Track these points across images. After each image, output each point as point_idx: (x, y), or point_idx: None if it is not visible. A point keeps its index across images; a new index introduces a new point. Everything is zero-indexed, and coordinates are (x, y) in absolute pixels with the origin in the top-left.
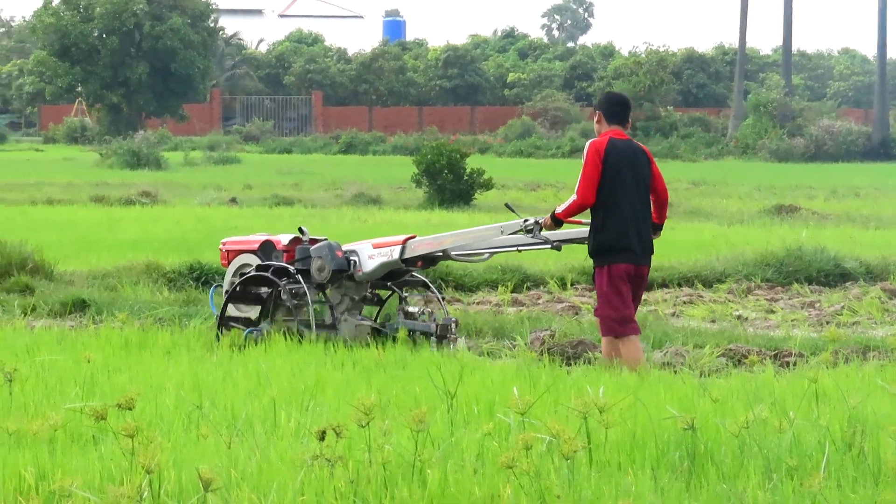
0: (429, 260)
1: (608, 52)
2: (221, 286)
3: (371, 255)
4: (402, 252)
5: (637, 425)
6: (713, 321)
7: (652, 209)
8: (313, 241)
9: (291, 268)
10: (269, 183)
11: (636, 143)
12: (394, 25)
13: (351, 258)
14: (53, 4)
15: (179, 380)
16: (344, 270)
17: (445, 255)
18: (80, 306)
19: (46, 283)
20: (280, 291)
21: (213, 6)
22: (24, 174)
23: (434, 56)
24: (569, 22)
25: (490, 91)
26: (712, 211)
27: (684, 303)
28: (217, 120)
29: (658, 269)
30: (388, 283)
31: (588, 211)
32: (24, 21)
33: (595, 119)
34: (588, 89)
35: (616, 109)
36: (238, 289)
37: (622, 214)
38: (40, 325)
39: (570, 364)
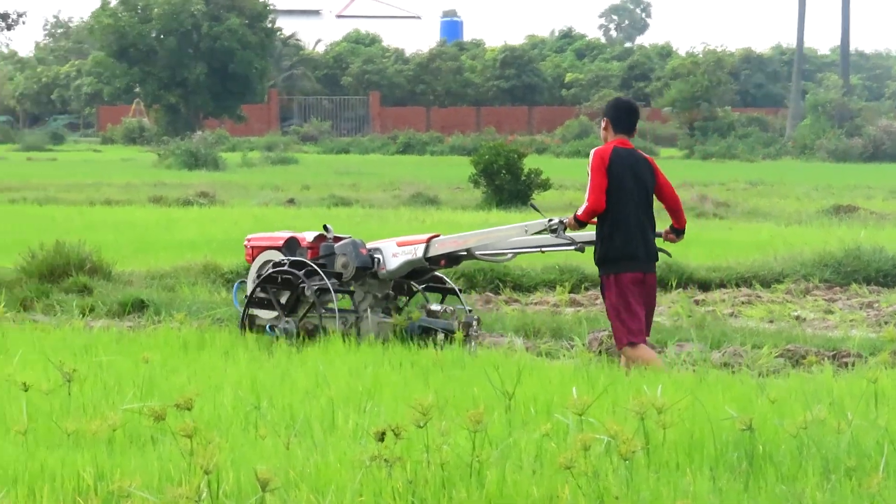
0: (453, 259)
1: (665, 53)
2: (245, 282)
3: (395, 254)
4: (427, 250)
5: (695, 426)
6: (771, 321)
7: (670, 217)
8: (337, 239)
9: (314, 266)
10: (327, 183)
11: (640, 152)
12: (451, 26)
13: (375, 256)
14: (111, 5)
15: (237, 380)
16: (368, 268)
17: (469, 254)
18: (139, 307)
19: (105, 284)
20: (304, 288)
21: (271, 7)
22: (83, 175)
23: (491, 56)
24: (626, 22)
25: (547, 91)
26: (770, 211)
27: (742, 303)
28: (275, 120)
29: (716, 269)
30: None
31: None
32: (82, 22)
33: (602, 126)
34: (646, 89)
35: (623, 117)
36: (262, 283)
37: (627, 223)
38: (99, 326)
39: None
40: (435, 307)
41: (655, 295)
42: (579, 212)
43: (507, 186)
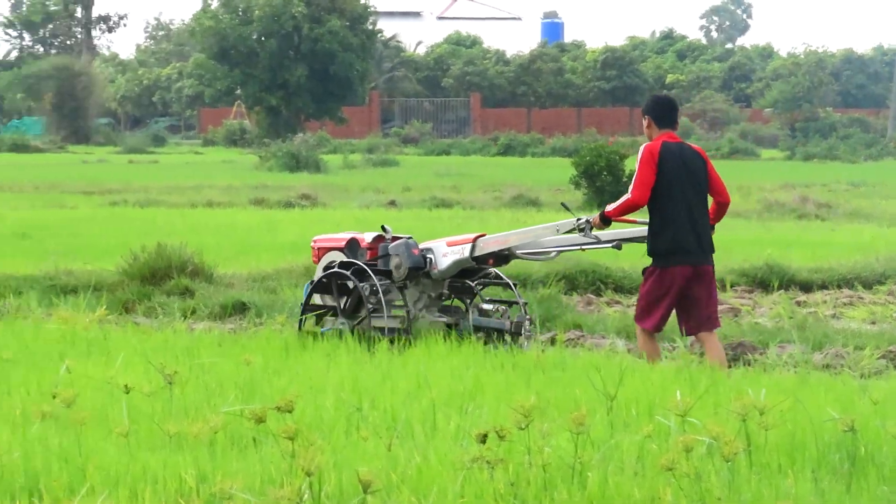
0: (500, 258)
1: (767, 54)
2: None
3: (445, 253)
4: (472, 250)
5: (797, 427)
6: (873, 322)
7: (710, 211)
8: (395, 239)
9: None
10: (428, 185)
11: (689, 144)
12: (552, 27)
13: (427, 256)
14: (212, 7)
15: (339, 382)
16: (420, 268)
17: (511, 253)
18: (240, 309)
19: (206, 286)
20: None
21: (372, 9)
22: (184, 177)
23: (592, 57)
24: (727, 23)
25: (648, 92)
26: (872, 212)
27: (844, 304)
28: (376, 122)
29: (817, 270)
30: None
31: (645, 209)
32: (184, 24)
33: (645, 124)
34: (747, 90)
35: (664, 113)
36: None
37: (679, 216)
38: (200, 328)
39: (730, 366)
40: (487, 307)
41: (713, 286)
42: (610, 207)
43: (609, 188)
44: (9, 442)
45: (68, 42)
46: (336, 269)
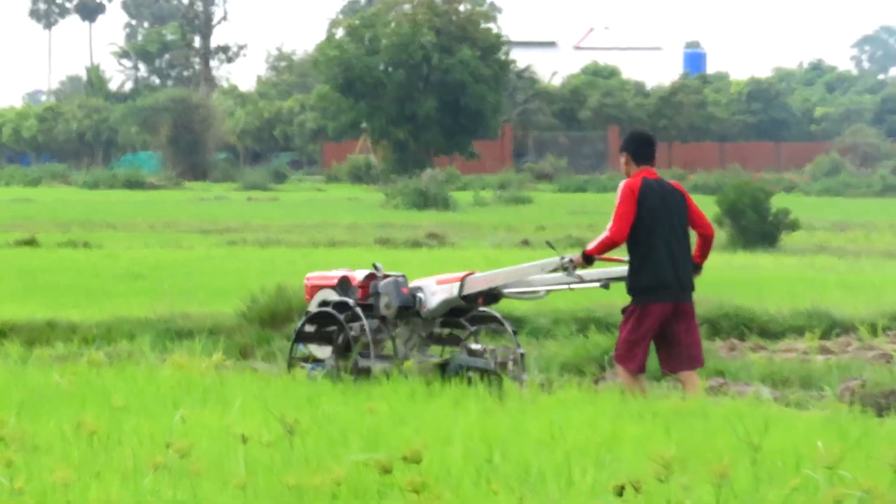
0: (489, 297)
1: None
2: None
3: (434, 292)
4: (461, 289)
5: None
6: None
7: (696, 248)
8: (387, 277)
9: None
10: (563, 223)
11: (668, 181)
12: (694, 58)
13: (417, 294)
14: (337, 37)
15: (467, 431)
16: (409, 307)
17: (500, 292)
18: None
19: None
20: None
21: (505, 38)
22: (306, 215)
23: (737, 90)
24: (879, 53)
25: (796, 126)
26: None
27: None
28: (508, 157)
29: None
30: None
31: (627, 248)
32: (307, 55)
33: (623, 161)
34: None
35: (642, 150)
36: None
37: (659, 253)
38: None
39: (883, 415)
40: (475, 346)
41: (694, 323)
42: (590, 246)
43: (753, 227)
44: (120, 494)
45: (185, 73)
46: (322, 310)
